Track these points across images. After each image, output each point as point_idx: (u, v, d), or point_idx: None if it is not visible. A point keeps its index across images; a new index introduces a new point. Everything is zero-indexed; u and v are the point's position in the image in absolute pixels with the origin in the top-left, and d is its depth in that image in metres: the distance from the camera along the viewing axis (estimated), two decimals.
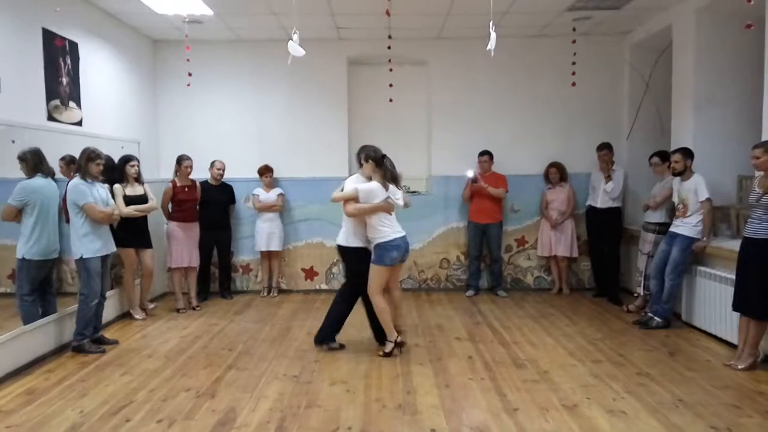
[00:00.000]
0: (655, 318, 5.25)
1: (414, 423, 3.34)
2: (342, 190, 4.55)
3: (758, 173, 4.14)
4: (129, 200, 5.40)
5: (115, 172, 5.39)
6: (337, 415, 3.45)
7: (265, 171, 6.73)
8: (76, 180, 4.59)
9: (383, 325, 4.52)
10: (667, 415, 3.38)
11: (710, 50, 5.34)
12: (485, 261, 6.94)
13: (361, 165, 4.57)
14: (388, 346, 4.51)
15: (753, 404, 3.55)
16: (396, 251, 4.41)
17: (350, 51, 6.94)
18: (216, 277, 6.80)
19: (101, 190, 4.78)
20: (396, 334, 4.53)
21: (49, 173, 4.57)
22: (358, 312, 4.75)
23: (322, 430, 3.26)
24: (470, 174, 6.65)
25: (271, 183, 6.80)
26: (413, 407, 3.55)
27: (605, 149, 6.36)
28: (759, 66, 4.38)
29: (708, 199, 4.98)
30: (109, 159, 5.22)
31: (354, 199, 4.41)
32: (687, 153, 5.15)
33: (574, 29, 6.12)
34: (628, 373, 4.09)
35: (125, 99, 6.21)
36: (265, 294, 6.86)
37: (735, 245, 4.42)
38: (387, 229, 4.40)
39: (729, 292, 4.42)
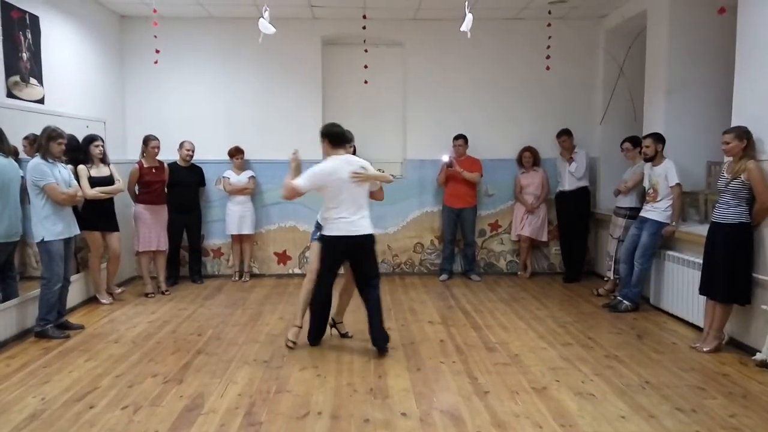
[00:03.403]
0: (624, 301, 5.32)
1: (385, 407, 3.32)
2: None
3: (727, 159, 4.19)
4: (94, 182, 5.23)
5: (80, 152, 5.22)
6: (307, 399, 3.42)
7: (236, 153, 6.59)
8: (37, 160, 4.42)
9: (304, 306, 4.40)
10: (634, 397, 3.43)
11: (683, 36, 5.35)
12: (459, 245, 6.94)
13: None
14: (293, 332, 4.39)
15: (717, 386, 3.62)
16: None
17: (324, 31, 6.80)
18: (186, 261, 6.68)
19: (63, 170, 4.62)
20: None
21: (10, 152, 4.39)
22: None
23: (292, 415, 3.22)
24: (445, 158, 6.62)
25: (242, 165, 6.67)
26: (384, 391, 3.54)
27: (564, 135, 6.49)
28: (730, 52, 4.40)
29: (678, 184, 5.03)
30: (72, 138, 5.05)
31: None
32: (658, 138, 5.19)
33: (549, 12, 6.08)
34: (597, 356, 4.14)
35: (90, 76, 5.99)
36: (237, 278, 6.76)
37: (703, 230, 4.48)
38: None
39: (696, 276, 4.49)
